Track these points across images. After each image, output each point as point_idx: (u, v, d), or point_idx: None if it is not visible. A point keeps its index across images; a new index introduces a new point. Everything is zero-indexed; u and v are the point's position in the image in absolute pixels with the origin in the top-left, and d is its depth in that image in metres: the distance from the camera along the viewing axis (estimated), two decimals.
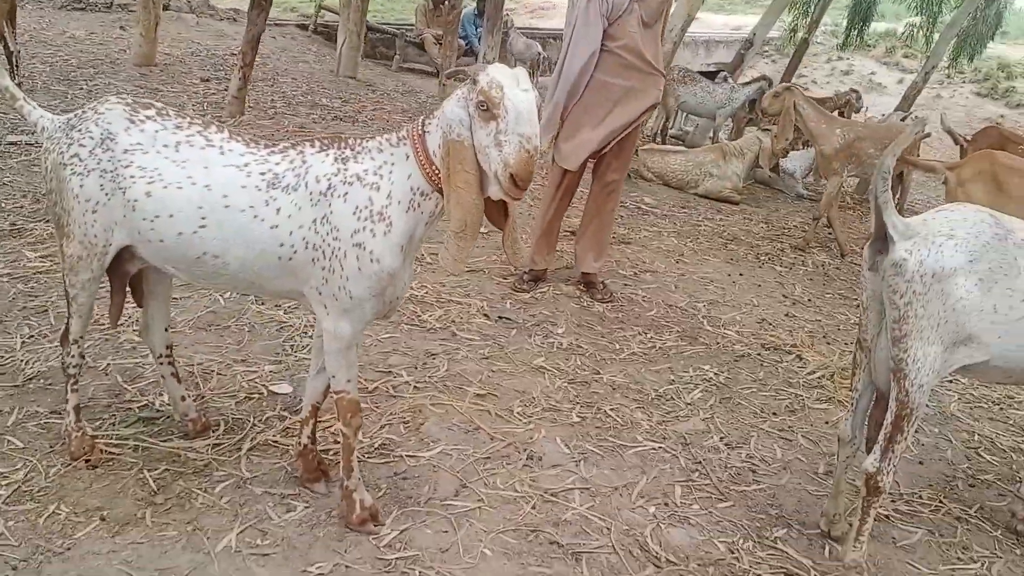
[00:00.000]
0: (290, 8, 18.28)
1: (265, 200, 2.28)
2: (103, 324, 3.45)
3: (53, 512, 2.46)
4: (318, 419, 2.71)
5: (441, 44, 12.87)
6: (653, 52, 4.68)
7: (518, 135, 2.07)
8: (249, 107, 7.87)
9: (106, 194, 2.35)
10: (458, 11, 9.71)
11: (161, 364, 2.83)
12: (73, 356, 2.63)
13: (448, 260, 2.23)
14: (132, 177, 2.32)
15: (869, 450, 2.59)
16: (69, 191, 2.38)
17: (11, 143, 6.06)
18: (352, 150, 2.30)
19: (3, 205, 4.87)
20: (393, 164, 2.26)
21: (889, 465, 2.46)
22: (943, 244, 2.36)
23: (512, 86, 2.08)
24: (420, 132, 2.24)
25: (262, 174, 2.29)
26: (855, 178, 8.13)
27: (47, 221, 4.71)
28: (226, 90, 8.08)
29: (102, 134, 2.35)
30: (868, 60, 26.22)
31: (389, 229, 2.24)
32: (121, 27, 10.65)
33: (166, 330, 2.80)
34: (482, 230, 2.37)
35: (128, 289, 2.71)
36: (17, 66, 7.41)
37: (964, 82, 24.31)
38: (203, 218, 2.29)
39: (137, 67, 8.90)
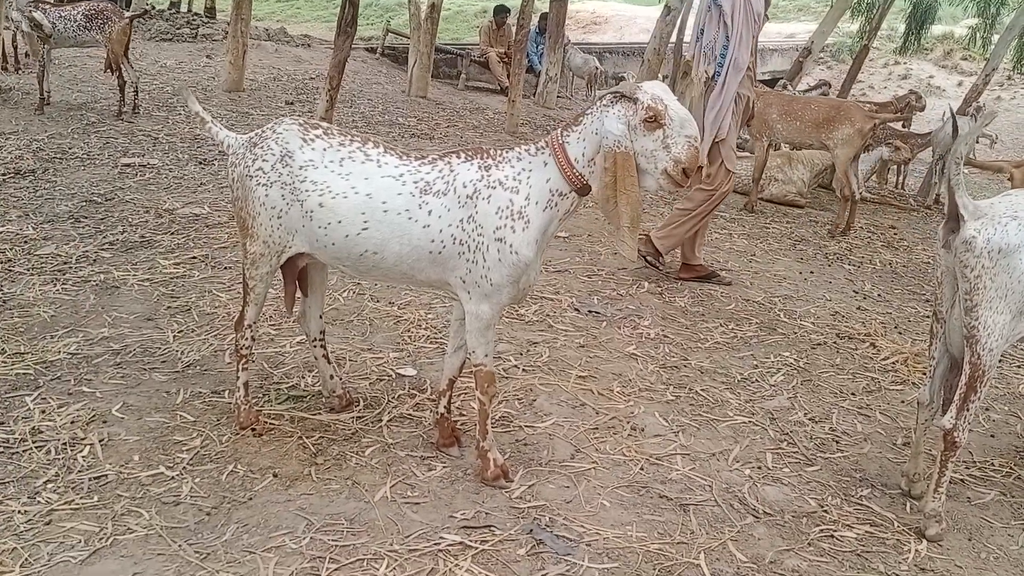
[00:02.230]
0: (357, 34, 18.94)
1: (419, 204, 2.68)
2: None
3: (232, 471, 2.89)
4: (453, 391, 3.10)
5: (504, 62, 13.37)
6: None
7: (686, 136, 2.53)
8: None
9: (287, 203, 2.78)
10: (526, 30, 10.10)
11: (315, 347, 3.25)
12: (246, 339, 3.06)
13: (627, 250, 2.65)
14: (307, 191, 2.74)
15: (945, 411, 2.87)
16: (255, 199, 2.82)
17: (126, 165, 6.63)
18: (494, 159, 2.70)
19: (131, 219, 5.40)
20: (531, 170, 2.66)
21: (964, 422, 2.75)
22: (1008, 224, 2.66)
23: (670, 99, 2.53)
24: (560, 143, 2.63)
25: (415, 182, 2.70)
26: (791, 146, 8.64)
27: (171, 233, 5.24)
28: (310, 112, 8.61)
29: (281, 151, 2.78)
30: (926, 64, 26.07)
31: (527, 226, 2.64)
32: (207, 55, 11.33)
33: (320, 317, 3.22)
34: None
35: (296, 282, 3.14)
36: (137, 94, 8.05)
37: None
38: (365, 222, 2.70)
39: (227, 92, 9.52)
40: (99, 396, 3.27)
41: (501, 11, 14.29)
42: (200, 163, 6.93)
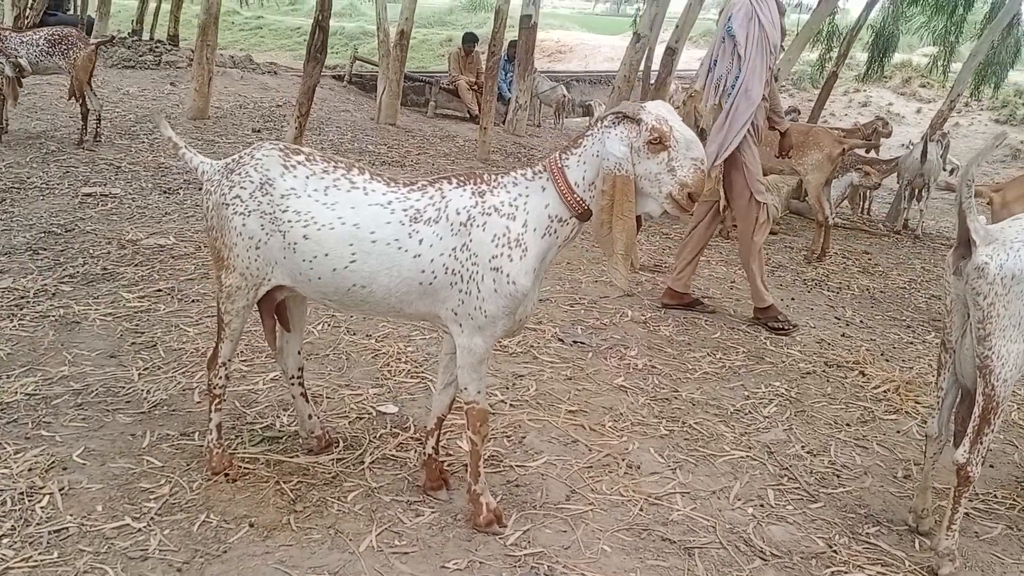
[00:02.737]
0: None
1: (408, 233, 2.52)
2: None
3: (204, 521, 2.68)
4: (441, 431, 2.93)
5: (474, 90, 13.31)
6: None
7: (691, 159, 2.40)
8: None
9: (267, 234, 2.61)
10: (497, 57, 10.04)
11: (292, 385, 3.06)
12: (220, 377, 2.87)
13: (620, 279, 2.52)
14: (290, 221, 2.57)
15: (957, 444, 2.76)
16: (232, 229, 2.64)
17: (87, 194, 6.39)
18: (488, 184, 2.55)
19: (92, 251, 5.17)
20: (528, 195, 2.52)
21: (977, 456, 2.64)
22: (1021, 248, 2.57)
23: (675, 119, 2.40)
24: (560, 166, 2.49)
25: (404, 210, 2.54)
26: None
27: (135, 265, 5.02)
28: (278, 140, 8.44)
29: (261, 179, 2.61)
30: (885, 91, 26.52)
31: (524, 254, 2.48)
32: (171, 83, 11.10)
33: (299, 353, 3.04)
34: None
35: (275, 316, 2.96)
36: (99, 122, 7.83)
37: (982, 110, 24.55)
38: (353, 254, 2.54)
39: (192, 120, 9.31)
40: (59, 440, 3.05)
41: (470, 39, 14.26)
42: (164, 192, 6.71)
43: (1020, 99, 24.61)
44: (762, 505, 3.10)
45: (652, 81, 11.83)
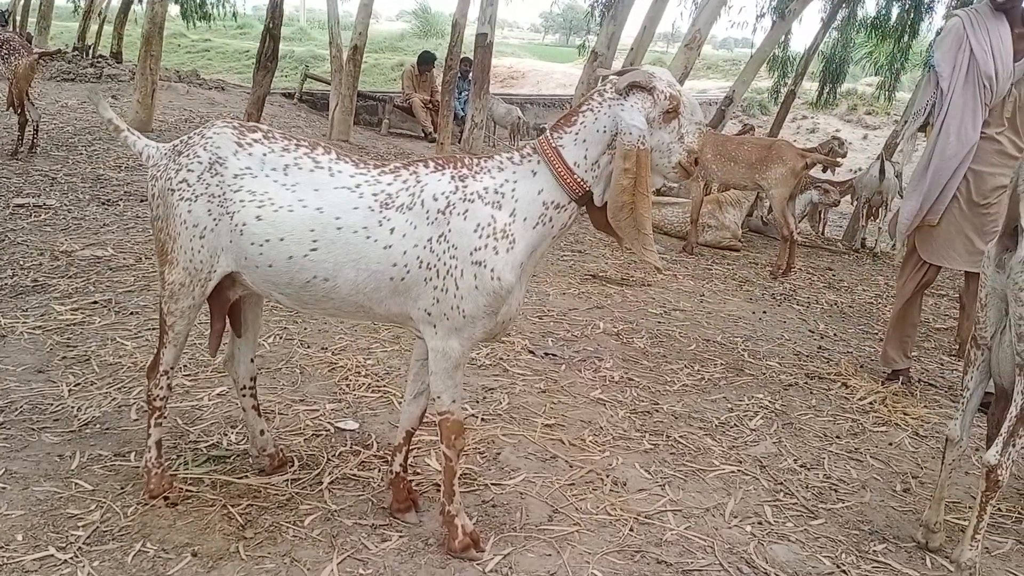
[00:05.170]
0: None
1: (379, 220, 2.23)
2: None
3: (140, 550, 2.34)
4: (410, 446, 2.63)
5: (429, 108, 13.07)
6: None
7: (695, 123, 2.23)
8: None
9: (214, 219, 2.30)
10: (454, 71, 9.82)
11: (243, 396, 2.73)
12: (161, 388, 2.53)
13: (653, 257, 2.23)
14: (242, 201, 2.27)
15: (989, 446, 2.53)
16: (176, 217, 2.33)
17: (19, 205, 5.99)
18: (470, 169, 2.27)
19: (23, 263, 4.79)
20: (516, 181, 2.24)
21: (1008, 460, 2.42)
22: None
23: (676, 83, 2.21)
24: (554, 146, 2.23)
25: (375, 195, 2.25)
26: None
27: (69, 277, 4.64)
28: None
29: (211, 159, 2.31)
30: (832, 118, 27.00)
31: (512, 246, 2.21)
32: (113, 96, 10.66)
33: (252, 361, 2.72)
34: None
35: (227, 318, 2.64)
36: (36, 133, 7.41)
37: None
38: (315, 241, 2.24)
39: None
40: None
41: (427, 60, 13.99)
42: (103, 203, 6.31)
43: None
44: (760, 523, 2.84)
45: None
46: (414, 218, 2.23)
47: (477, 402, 3.54)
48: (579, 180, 2.23)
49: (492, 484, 2.87)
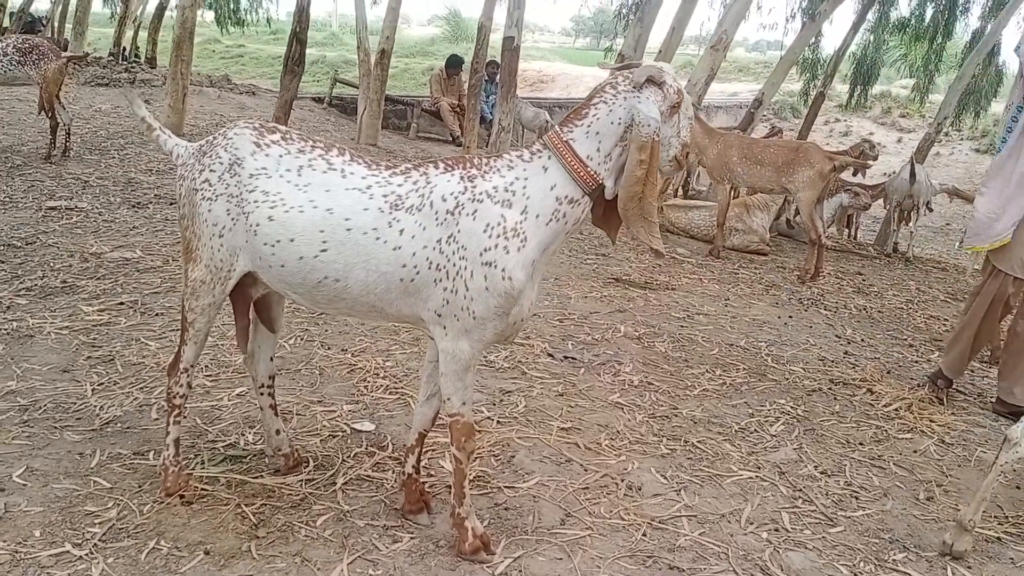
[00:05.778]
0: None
1: (388, 222, 2.24)
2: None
3: (153, 548, 2.37)
4: (423, 448, 2.63)
5: (456, 112, 13.10)
6: None
7: (688, 118, 2.27)
8: None
9: (232, 219, 2.34)
10: (480, 74, 9.83)
11: (261, 394, 2.76)
12: (181, 385, 2.57)
13: (658, 243, 2.27)
14: (256, 202, 2.30)
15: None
16: (199, 216, 2.38)
17: (51, 208, 6.09)
18: (479, 168, 2.27)
19: (53, 264, 4.86)
20: (527, 179, 2.24)
21: None
22: None
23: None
24: (565, 140, 2.23)
25: (384, 196, 2.26)
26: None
27: (97, 278, 4.70)
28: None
29: (231, 159, 2.36)
30: (865, 121, 26.71)
31: (523, 244, 2.21)
32: (146, 100, 10.80)
33: (272, 360, 2.74)
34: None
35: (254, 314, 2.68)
36: (68, 136, 7.53)
37: (962, 139, 24.70)
38: (324, 242, 2.26)
39: None
40: None
41: (454, 63, 14.02)
42: (133, 206, 6.39)
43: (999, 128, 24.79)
44: (777, 529, 2.80)
45: None
46: (423, 219, 2.23)
47: (494, 405, 3.53)
48: (593, 173, 2.23)
49: (505, 487, 2.87)
